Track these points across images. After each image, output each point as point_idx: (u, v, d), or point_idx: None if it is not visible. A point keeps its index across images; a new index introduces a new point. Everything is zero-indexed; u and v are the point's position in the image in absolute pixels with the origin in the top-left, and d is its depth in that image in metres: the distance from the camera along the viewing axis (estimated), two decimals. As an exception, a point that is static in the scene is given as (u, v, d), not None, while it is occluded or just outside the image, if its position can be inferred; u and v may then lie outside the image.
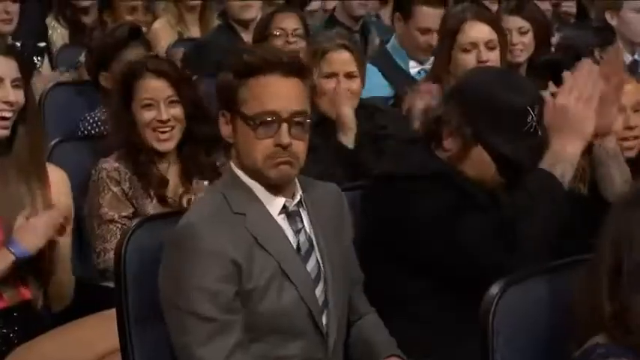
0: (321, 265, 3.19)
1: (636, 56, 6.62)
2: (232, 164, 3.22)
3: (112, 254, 3.73)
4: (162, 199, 4.69)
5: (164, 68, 4.68)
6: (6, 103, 3.87)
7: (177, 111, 4.54)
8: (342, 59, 5.13)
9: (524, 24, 6.07)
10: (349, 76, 5.12)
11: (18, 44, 6.19)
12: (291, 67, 3.04)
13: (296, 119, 3.00)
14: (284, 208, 3.14)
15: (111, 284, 3.64)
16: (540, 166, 3.65)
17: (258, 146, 3.00)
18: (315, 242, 3.21)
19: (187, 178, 4.83)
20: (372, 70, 6.11)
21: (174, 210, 4.42)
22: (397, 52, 6.69)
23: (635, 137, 4.20)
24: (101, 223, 4.47)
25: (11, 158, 3.97)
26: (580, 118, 3.63)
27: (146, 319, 3.33)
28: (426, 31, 6.42)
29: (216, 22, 7.70)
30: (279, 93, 3.01)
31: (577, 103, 3.67)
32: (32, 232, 3.82)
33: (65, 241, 3.97)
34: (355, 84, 5.12)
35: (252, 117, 2.98)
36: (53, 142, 4.96)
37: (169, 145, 4.64)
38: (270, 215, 3.12)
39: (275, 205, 3.13)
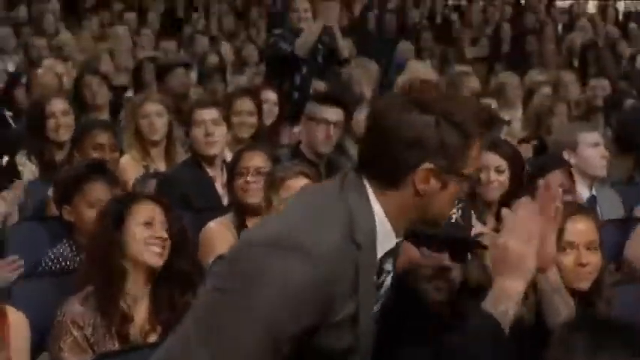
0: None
1: (593, 192, 6.67)
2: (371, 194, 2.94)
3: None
4: (125, 338, 4.49)
5: (156, 196, 4.79)
6: None
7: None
8: (300, 185, 5.06)
9: (502, 162, 5.89)
10: None
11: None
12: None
13: None
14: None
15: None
16: (483, 305, 3.54)
17: (450, 195, 3.00)
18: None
19: (156, 317, 4.69)
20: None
21: (130, 346, 4.37)
22: None
23: (589, 273, 4.20)
24: None
25: None
26: (521, 256, 3.56)
27: None
28: None
29: (182, 156, 7.70)
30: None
31: (518, 242, 3.60)
32: None
33: None
34: None
35: (468, 175, 2.99)
36: (12, 280, 4.93)
37: (160, 261, 4.53)
38: (377, 258, 2.94)
39: (387, 247, 2.97)
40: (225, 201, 6.80)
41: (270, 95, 9.24)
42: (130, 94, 10.60)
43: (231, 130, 7.72)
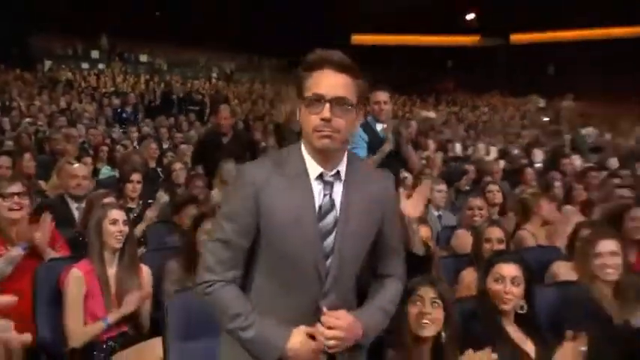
0: (337, 221, 2.25)
1: (440, 212, 6.67)
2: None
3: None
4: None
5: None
6: (120, 232, 3.91)
7: None
8: None
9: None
10: None
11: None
12: (340, 64, 2.22)
13: (338, 102, 2.18)
14: (320, 176, 2.26)
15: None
16: None
17: (309, 119, 2.20)
18: (337, 204, 2.26)
19: None
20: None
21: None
22: None
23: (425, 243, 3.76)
24: None
25: (124, 261, 3.99)
26: None
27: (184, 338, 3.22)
28: None
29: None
30: (328, 82, 2.19)
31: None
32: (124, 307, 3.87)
33: (146, 307, 4.04)
34: None
35: (306, 98, 2.21)
36: (144, 251, 4.91)
37: None
38: (309, 178, 2.25)
39: (314, 171, 2.26)
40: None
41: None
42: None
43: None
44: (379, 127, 6.05)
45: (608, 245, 3.68)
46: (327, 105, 2.16)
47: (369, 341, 2.25)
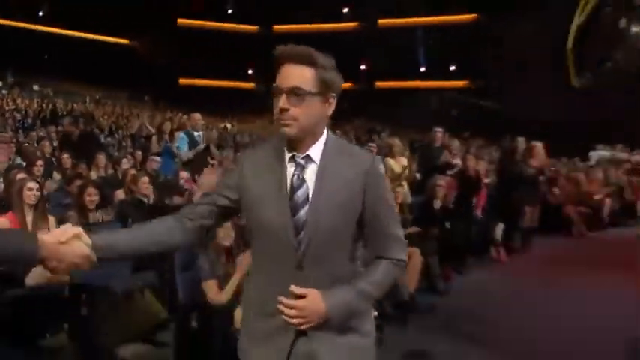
0: (310, 198, 1.48)
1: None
2: None
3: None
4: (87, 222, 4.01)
5: None
6: (35, 195, 3.83)
7: None
8: None
9: None
10: None
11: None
12: (298, 57, 1.46)
13: (294, 91, 1.45)
14: (292, 159, 1.50)
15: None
16: None
17: (274, 111, 1.47)
18: (308, 182, 1.50)
19: (103, 219, 4.08)
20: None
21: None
22: None
23: None
24: None
25: (37, 213, 3.85)
26: None
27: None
28: None
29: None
30: (285, 74, 1.46)
31: None
32: None
33: None
34: None
35: (272, 89, 1.48)
36: (49, 207, 4.46)
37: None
38: (284, 160, 1.52)
39: (288, 154, 1.51)
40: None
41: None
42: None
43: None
44: (196, 134, 6.82)
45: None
46: (283, 95, 1.47)
47: (336, 318, 1.49)
